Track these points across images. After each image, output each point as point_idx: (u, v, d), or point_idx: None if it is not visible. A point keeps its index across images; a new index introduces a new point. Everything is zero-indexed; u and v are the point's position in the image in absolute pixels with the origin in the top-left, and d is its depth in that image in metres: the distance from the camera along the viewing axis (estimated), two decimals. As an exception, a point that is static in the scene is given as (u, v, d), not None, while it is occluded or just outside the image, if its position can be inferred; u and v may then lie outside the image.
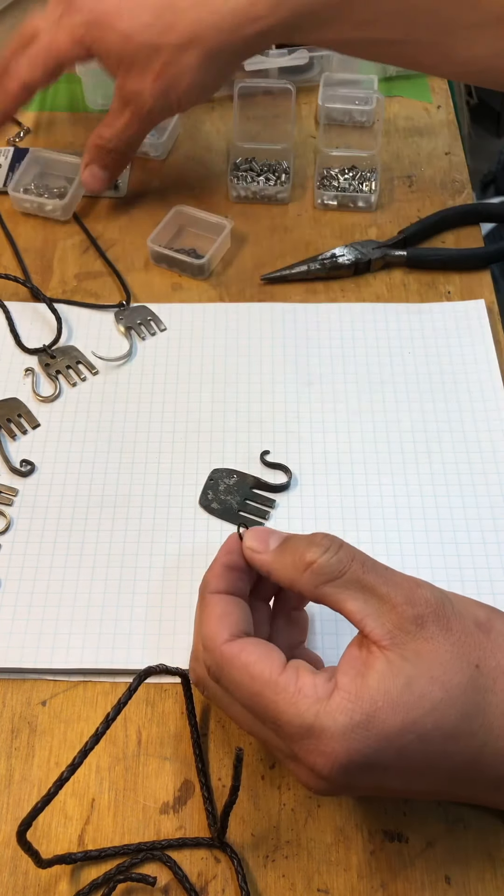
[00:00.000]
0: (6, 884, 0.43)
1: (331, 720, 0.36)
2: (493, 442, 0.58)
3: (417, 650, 0.37)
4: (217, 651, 0.40)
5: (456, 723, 0.36)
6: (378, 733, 0.36)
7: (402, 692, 0.36)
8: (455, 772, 0.38)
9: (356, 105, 0.80)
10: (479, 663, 0.37)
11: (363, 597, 0.39)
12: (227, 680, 0.40)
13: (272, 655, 0.39)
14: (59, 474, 0.57)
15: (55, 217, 0.73)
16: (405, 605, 0.38)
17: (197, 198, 0.75)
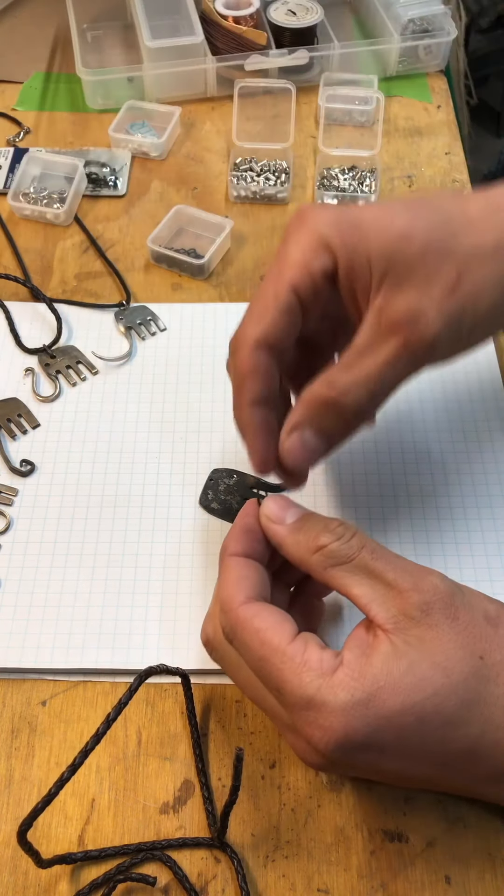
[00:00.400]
0: (6, 884, 0.43)
1: (332, 695, 0.36)
2: (493, 442, 0.58)
3: (421, 636, 0.37)
4: (232, 613, 0.40)
5: (455, 709, 0.36)
6: (377, 713, 0.36)
7: (405, 674, 0.36)
8: (451, 760, 0.38)
9: (356, 105, 0.80)
10: (484, 655, 0.37)
11: (370, 582, 0.39)
12: (238, 642, 0.40)
13: (284, 625, 0.39)
14: (59, 474, 0.57)
15: (56, 223, 0.73)
16: (412, 592, 0.38)
17: (197, 198, 0.75)
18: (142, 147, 0.78)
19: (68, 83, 0.86)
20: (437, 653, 0.37)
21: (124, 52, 0.86)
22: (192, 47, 0.80)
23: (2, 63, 0.88)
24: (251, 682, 0.41)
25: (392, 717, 0.36)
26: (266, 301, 0.43)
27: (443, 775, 0.39)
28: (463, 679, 0.37)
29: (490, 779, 0.39)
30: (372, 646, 0.37)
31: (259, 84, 0.81)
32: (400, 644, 0.37)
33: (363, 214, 0.42)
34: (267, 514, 0.43)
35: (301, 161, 0.78)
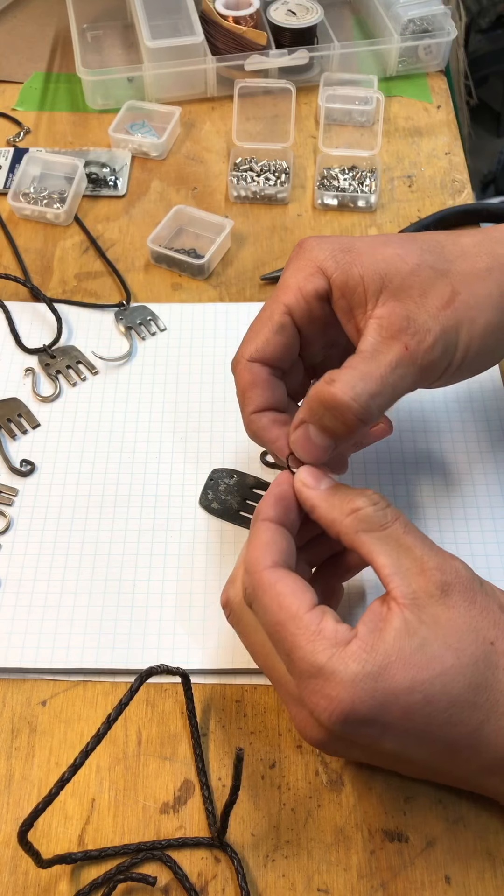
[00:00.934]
0: (6, 884, 0.43)
1: (342, 665, 0.36)
2: (493, 442, 0.59)
3: (436, 615, 0.38)
4: (257, 575, 0.40)
5: (463, 691, 0.37)
6: (385, 687, 0.36)
7: (415, 651, 0.37)
8: (454, 744, 0.38)
9: (356, 105, 0.80)
10: (496, 641, 0.38)
11: (397, 554, 0.39)
12: (258, 604, 0.40)
13: (306, 594, 0.39)
14: (59, 474, 0.57)
15: (56, 223, 0.73)
16: (435, 570, 0.38)
17: (197, 198, 0.75)
18: (142, 147, 0.78)
19: (68, 83, 0.86)
20: (449, 633, 0.37)
21: (124, 52, 0.86)
22: (192, 47, 0.80)
23: (2, 63, 0.88)
24: (264, 648, 0.41)
25: (399, 692, 0.36)
26: (261, 322, 0.46)
27: (443, 762, 0.39)
28: (473, 662, 0.37)
29: (490, 768, 0.39)
30: (385, 620, 0.38)
31: (259, 84, 0.81)
32: (413, 621, 0.37)
33: (358, 242, 0.45)
34: (302, 479, 0.44)
35: (301, 161, 0.78)
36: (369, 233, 0.72)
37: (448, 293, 0.43)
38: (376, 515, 0.41)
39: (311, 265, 0.45)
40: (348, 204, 0.74)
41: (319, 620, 0.38)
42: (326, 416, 0.43)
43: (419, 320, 0.42)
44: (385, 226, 0.73)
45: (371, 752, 0.40)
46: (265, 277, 0.69)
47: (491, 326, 0.43)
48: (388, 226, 0.73)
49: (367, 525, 0.40)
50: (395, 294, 0.43)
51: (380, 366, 0.42)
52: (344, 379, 0.42)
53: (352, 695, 0.36)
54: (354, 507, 0.41)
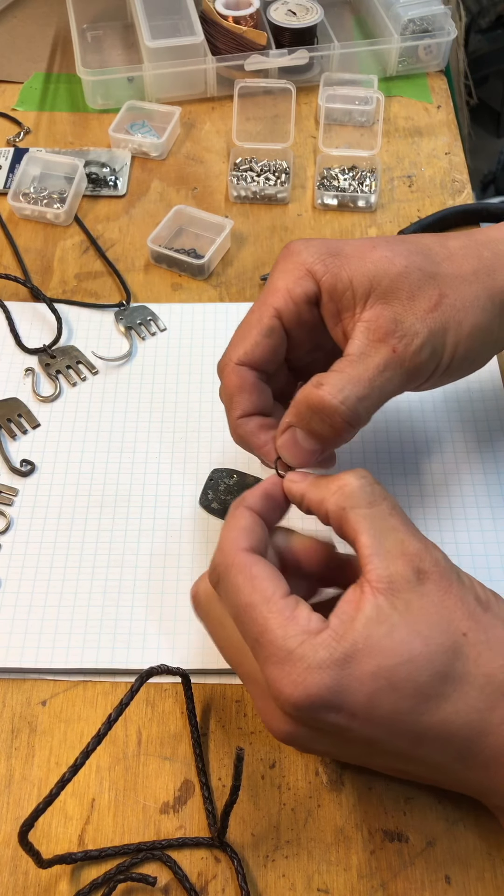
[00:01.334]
0: (6, 884, 0.43)
1: (311, 651, 0.36)
2: (493, 442, 0.59)
3: (409, 601, 0.37)
4: (231, 554, 0.40)
5: (430, 680, 0.36)
6: (351, 673, 0.36)
7: (383, 637, 0.36)
8: (423, 735, 0.37)
9: (356, 105, 0.80)
10: (468, 632, 0.38)
11: (379, 534, 0.39)
12: (229, 583, 0.40)
13: (280, 581, 0.39)
14: (59, 474, 0.57)
15: (56, 223, 0.73)
16: (414, 556, 0.38)
17: (197, 198, 0.75)
18: (142, 147, 0.78)
19: (68, 83, 0.86)
20: (419, 620, 0.37)
21: (124, 52, 0.86)
22: (192, 47, 0.80)
23: (2, 63, 0.88)
24: (232, 641, 0.41)
25: (364, 678, 0.36)
26: (249, 325, 0.45)
27: (415, 753, 0.38)
28: (442, 651, 0.37)
29: (463, 760, 0.38)
30: (357, 607, 0.37)
31: (259, 84, 0.81)
32: (385, 606, 0.37)
33: (346, 245, 0.45)
34: (290, 478, 0.44)
35: (301, 161, 0.78)
36: (369, 233, 0.72)
37: (436, 296, 0.43)
38: (363, 492, 0.40)
39: (299, 268, 0.44)
40: (348, 204, 0.74)
41: (294, 607, 0.38)
42: (314, 420, 0.42)
43: (407, 323, 0.42)
44: (385, 226, 0.73)
45: (340, 744, 0.39)
46: (265, 277, 0.69)
47: (478, 328, 0.43)
48: (388, 226, 0.73)
49: (353, 501, 0.40)
50: (383, 297, 0.43)
51: (367, 369, 0.42)
52: (332, 382, 0.42)
53: (317, 680, 0.36)
54: (342, 484, 0.41)
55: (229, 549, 0.41)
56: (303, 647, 0.36)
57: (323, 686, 0.36)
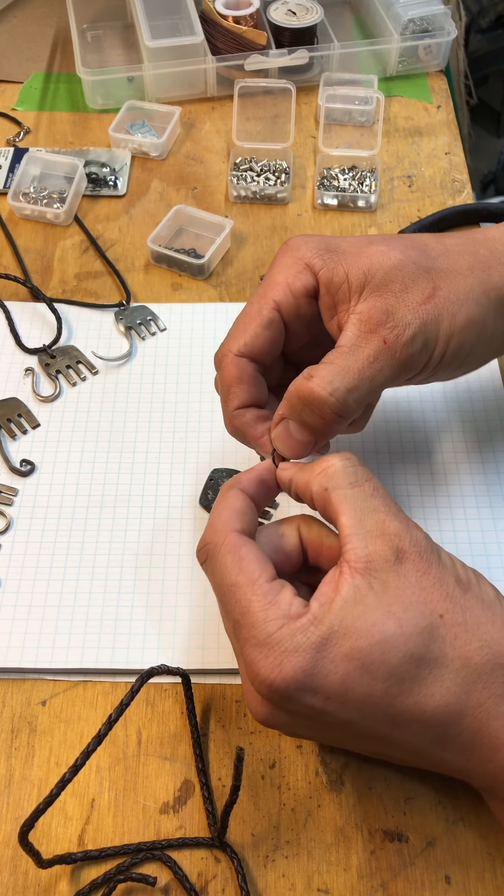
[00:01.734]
0: (6, 884, 0.43)
1: (289, 635, 0.37)
2: (493, 442, 0.59)
3: (386, 582, 0.37)
4: (223, 534, 0.40)
5: (403, 663, 0.36)
6: (325, 656, 0.36)
7: (357, 619, 0.36)
8: (398, 716, 0.37)
9: (356, 105, 0.80)
10: (445, 614, 0.37)
11: (360, 514, 0.39)
12: (217, 562, 0.40)
13: (267, 566, 0.40)
14: (59, 474, 0.57)
15: (56, 223, 0.73)
16: (394, 536, 0.38)
17: (197, 198, 0.75)
18: (142, 147, 0.78)
19: (68, 83, 0.86)
20: (394, 602, 0.37)
21: (124, 52, 0.86)
22: (192, 47, 0.80)
23: (2, 63, 0.88)
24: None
25: (338, 660, 0.36)
26: (249, 317, 0.45)
27: (391, 736, 0.38)
28: (417, 633, 0.37)
29: (441, 742, 0.38)
30: (336, 589, 0.38)
31: (259, 84, 0.81)
32: (362, 587, 0.37)
33: (343, 241, 0.45)
34: (282, 466, 0.44)
35: (301, 161, 0.78)
36: (369, 233, 0.72)
37: (429, 288, 0.43)
38: (346, 472, 0.40)
39: (298, 262, 0.45)
40: (348, 204, 0.74)
41: (278, 591, 0.38)
42: (305, 412, 0.43)
43: (398, 314, 0.42)
44: (385, 226, 0.73)
45: (318, 727, 0.39)
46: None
47: (471, 321, 0.43)
48: (388, 226, 0.73)
49: (335, 481, 0.40)
50: (376, 289, 0.43)
51: (357, 360, 0.42)
52: (321, 374, 0.42)
53: (293, 663, 0.36)
54: (325, 465, 0.41)
55: (221, 528, 0.41)
56: (281, 632, 0.37)
57: (298, 669, 0.36)
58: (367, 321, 0.42)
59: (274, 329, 0.45)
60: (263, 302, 0.45)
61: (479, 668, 0.37)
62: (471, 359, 0.46)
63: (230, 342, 0.46)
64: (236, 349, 0.46)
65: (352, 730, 0.38)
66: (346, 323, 0.43)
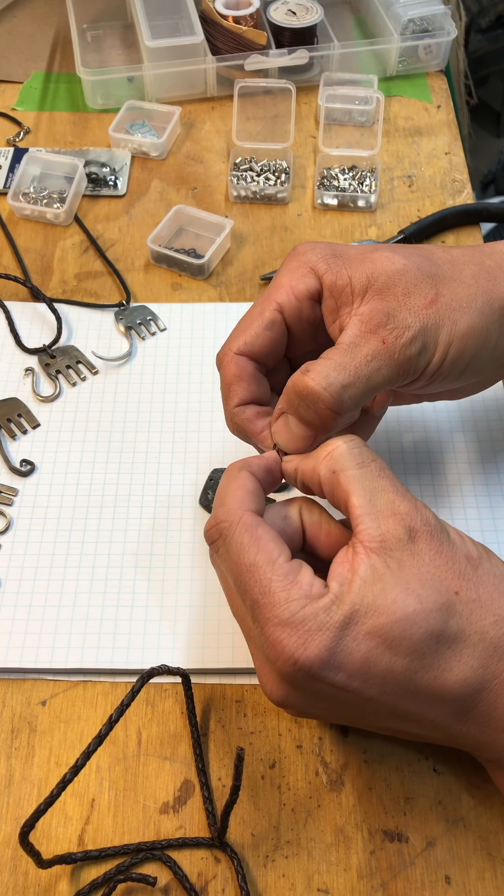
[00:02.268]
0: (6, 884, 0.43)
1: (313, 614, 0.37)
2: (493, 442, 0.59)
3: (401, 560, 0.38)
4: (238, 513, 0.40)
5: (424, 638, 0.37)
6: (348, 634, 0.36)
7: (377, 597, 0.37)
8: (417, 692, 0.37)
9: (356, 105, 0.80)
10: (459, 591, 0.38)
11: (370, 494, 0.39)
12: (233, 541, 0.40)
13: (284, 546, 0.40)
14: (59, 474, 0.57)
15: (56, 223, 0.73)
16: (406, 515, 0.39)
17: (197, 198, 0.75)
18: (142, 147, 0.78)
19: (68, 83, 0.86)
20: (412, 579, 0.37)
21: (124, 52, 0.86)
22: (192, 47, 0.80)
23: (2, 63, 0.88)
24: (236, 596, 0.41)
25: (360, 638, 0.36)
26: (251, 318, 0.46)
27: (410, 711, 0.38)
28: (436, 608, 0.37)
29: (455, 717, 0.39)
30: (352, 569, 0.38)
31: (259, 84, 0.81)
32: (379, 566, 0.37)
33: (350, 248, 0.46)
34: (286, 458, 0.44)
35: (301, 161, 0.78)
36: (369, 233, 0.72)
37: (432, 294, 0.43)
38: (352, 453, 0.41)
39: (303, 266, 0.45)
40: (348, 204, 0.74)
41: (298, 571, 0.38)
42: (301, 406, 0.43)
43: (399, 317, 0.42)
44: (385, 226, 0.73)
45: (335, 706, 0.39)
46: (265, 277, 0.69)
47: (473, 329, 0.44)
48: (387, 226, 0.73)
49: (343, 463, 0.40)
50: (379, 292, 0.43)
51: (355, 358, 0.42)
52: (317, 369, 0.42)
53: (318, 643, 0.36)
54: (331, 448, 0.41)
55: (235, 507, 0.40)
56: (305, 611, 0.37)
57: (323, 647, 0.36)
58: (368, 322, 0.42)
59: (275, 330, 0.46)
60: (266, 304, 0.46)
61: (494, 642, 0.38)
62: (473, 369, 0.46)
63: (231, 342, 0.46)
64: (236, 348, 0.46)
65: (370, 707, 0.39)
66: (347, 324, 0.43)
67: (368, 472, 0.40)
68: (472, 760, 0.46)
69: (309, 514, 0.43)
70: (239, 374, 0.46)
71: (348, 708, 0.39)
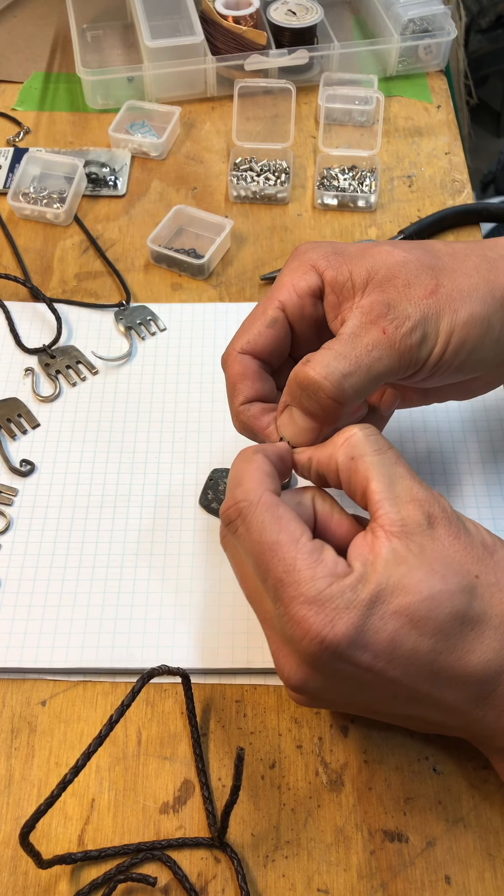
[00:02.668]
0: (6, 884, 0.43)
1: (339, 592, 0.37)
2: (493, 442, 0.59)
3: (422, 545, 0.38)
4: (257, 492, 0.40)
5: (448, 619, 0.37)
6: (375, 613, 0.37)
7: (403, 577, 0.37)
8: (439, 673, 0.38)
9: (356, 105, 0.80)
10: (479, 575, 0.38)
11: (389, 481, 0.40)
12: (254, 520, 0.40)
13: (306, 527, 0.40)
14: (59, 474, 0.57)
15: (56, 223, 0.73)
16: (424, 502, 0.39)
17: (197, 198, 0.75)
18: (142, 147, 0.78)
19: (68, 83, 0.86)
20: (435, 562, 0.38)
21: (124, 52, 0.86)
22: (192, 47, 0.80)
23: (2, 63, 0.88)
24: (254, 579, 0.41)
25: (387, 617, 0.37)
26: (253, 317, 0.46)
27: (430, 694, 0.38)
28: (459, 590, 0.37)
29: (474, 700, 0.39)
30: (373, 551, 0.38)
31: (259, 84, 0.81)
32: (401, 549, 0.38)
33: (351, 246, 0.46)
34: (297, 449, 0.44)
35: (301, 161, 0.78)
36: (369, 233, 0.72)
37: (432, 284, 0.43)
38: (369, 440, 0.41)
39: (304, 265, 0.45)
40: (348, 204, 0.74)
41: (321, 551, 0.38)
42: (304, 397, 0.43)
43: (400, 307, 0.43)
44: (385, 225, 0.73)
45: (355, 690, 0.39)
46: (265, 277, 0.69)
47: (474, 318, 0.43)
48: (387, 226, 0.73)
49: (361, 449, 0.41)
50: (380, 284, 0.43)
51: (355, 347, 0.42)
52: (317, 359, 0.42)
53: (346, 621, 0.36)
54: (348, 435, 0.41)
55: (254, 487, 0.40)
56: (331, 589, 0.37)
57: (350, 626, 0.36)
58: (369, 313, 0.43)
59: (278, 328, 0.46)
60: (268, 303, 0.46)
61: None
62: (476, 360, 0.45)
63: (234, 342, 0.47)
64: (239, 347, 0.46)
65: (391, 690, 0.39)
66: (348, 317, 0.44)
67: (387, 459, 0.40)
68: (473, 761, 0.46)
69: (321, 502, 0.43)
70: (243, 373, 0.46)
71: (368, 691, 0.39)
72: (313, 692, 0.40)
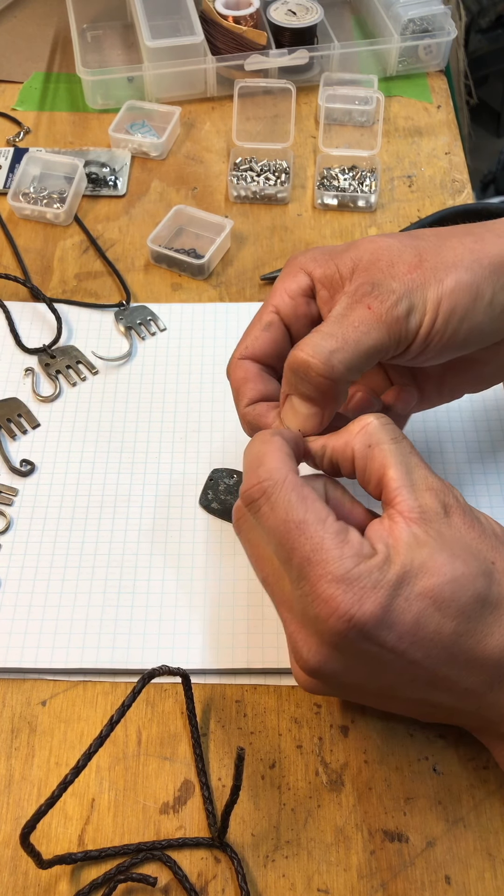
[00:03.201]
0: (6, 884, 0.43)
1: (367, 572, 0.37)
2: (493, 442, 0.59)
3: (440, 531, 0.39)
4: (281, 472, 0.40)
5: (470, 601, 0.38)
6: (401, 593, 0.37)
7: (426, 559, 0.38)
8: (458, 655, 0.38)
9: (356, 105, 0.80)
10: (496, 561, 0.39)
11: (406, 469, 0.40)
12: (279, 499, 0.39)
13: (329, 508, 0.40)
14: (59, 474, 0.57)
15: (56, 223, 0.73)
16: (439, 491, 0.40)
17: (197, 198, 0.75)
18: (142, 147, 0.78)
19: (68, 83, 0.86)
20: (455, 547, 0.38)
21: (124, 52, 0.86)
22: (192, 47, 0.80)
23: (2, 63, 0.88)
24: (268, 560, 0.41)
25: (412, 598, 0.37)
26: (251, 326, 0.48)
27: (449, 677, 0.39)
28: (480, 573, 0.38)
29: (490, 685, 0.39)
30: (394, 535, 0.39)
31: (259, 84, 0.81)
32: (420, 534, 0.38)
33: (338, 247, 0.47)
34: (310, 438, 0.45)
35: (301, 161, 0.78)
36: (369, 233, 0.72)
37: (415, 260, 0.44)
38: (385, 428, 0.41)
39: (295, 269, 0.47)
40: (348, 204, 0.74)
41: (347, 531, 0.39)
42: (298, 381, 0.43)
43: (384, 284, 0.43)
44: (385, 226, 0.73)
45: (374, 673, 0.39)
46: (265, 277, 0.69)
47: (461, 283, 0.43)
48: (388, 226, 0.73)
49: (378, 437, 0.41)
50: (365, 269, 0.44)
51: (342, 325, 0.43)
52: (306, 341, 0.43)
53: (373, 599, 0.36)
54: (364, 423, 0.42)
55: (278, 466, 0.40)
56: (359, 568, 0.37)
57: (378, 605, 0.37)
58: (354, 294, 0.43)
59: (273, 330, 0.47)
60: (263, 309, 0.47)
61: None
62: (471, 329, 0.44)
63: (235, 351, 0.48)
64: (239, 354, 0.47)
65: (410, 673, 0.39)
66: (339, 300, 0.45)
67: (403, 447, 0.41)
68: (473, 761, 0.46)
69: (334, 489, 0.44)
70: (245, 377, 0.47)
71: (387, 673, 0.39)
72: (329, 675, 0.40)
